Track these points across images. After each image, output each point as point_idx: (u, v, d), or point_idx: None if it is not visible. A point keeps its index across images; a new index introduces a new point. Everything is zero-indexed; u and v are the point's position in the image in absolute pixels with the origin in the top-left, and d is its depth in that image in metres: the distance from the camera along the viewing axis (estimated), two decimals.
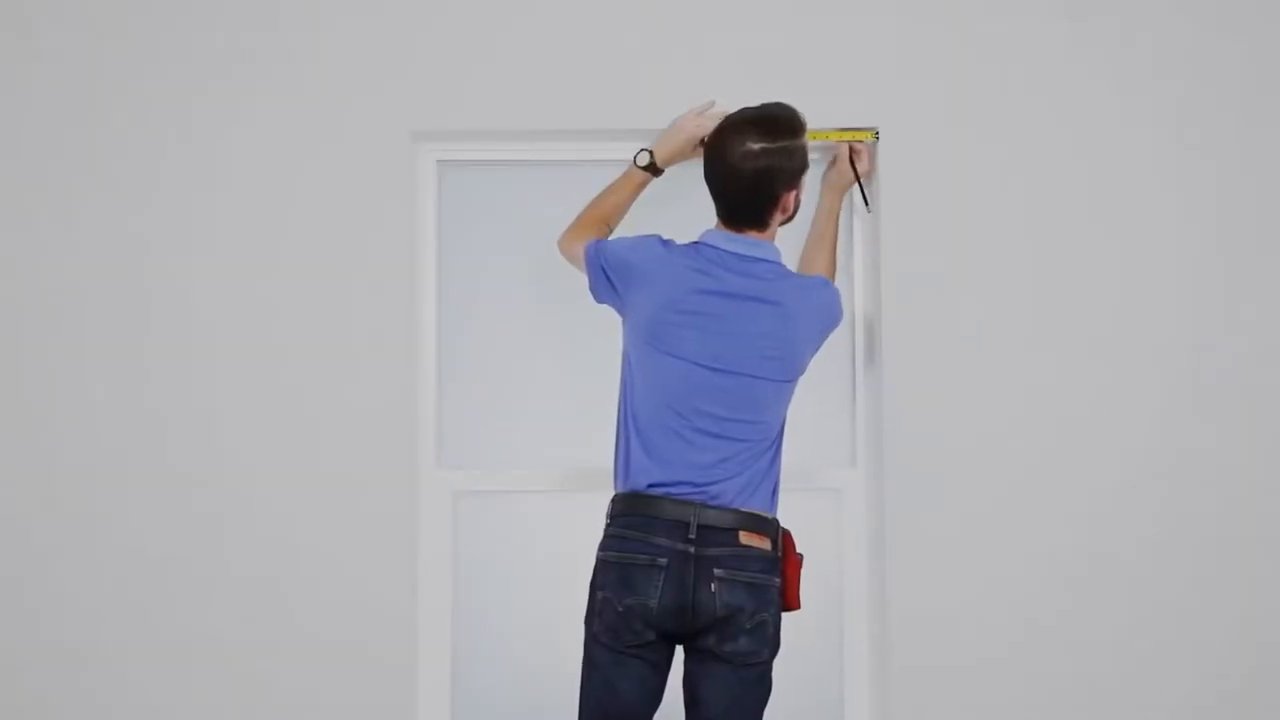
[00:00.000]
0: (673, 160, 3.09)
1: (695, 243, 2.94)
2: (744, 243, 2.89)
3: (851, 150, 3.23)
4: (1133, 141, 3.39)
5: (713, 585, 2.71)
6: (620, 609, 2.74)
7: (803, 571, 2.91)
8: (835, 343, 3.42)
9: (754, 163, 2.83)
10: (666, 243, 2.93)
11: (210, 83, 3.39)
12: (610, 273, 2.93)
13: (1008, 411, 3.33)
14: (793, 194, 2.92)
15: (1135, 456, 3.33)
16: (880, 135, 3.36)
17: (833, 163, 3.29)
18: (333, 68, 3.39)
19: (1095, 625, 3.31)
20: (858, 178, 3.25)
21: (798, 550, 2.90)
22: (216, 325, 3.35)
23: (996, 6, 3.40)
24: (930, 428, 3.32)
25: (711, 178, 2.92)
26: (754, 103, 3.00)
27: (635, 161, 3.10)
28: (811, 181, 3.20)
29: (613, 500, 2.90)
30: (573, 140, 3.43)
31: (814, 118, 3.08)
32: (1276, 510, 3.33)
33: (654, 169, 3.10)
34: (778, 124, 2.88)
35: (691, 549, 2.73)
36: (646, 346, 2.87)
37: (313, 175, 3.37)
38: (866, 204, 3.32)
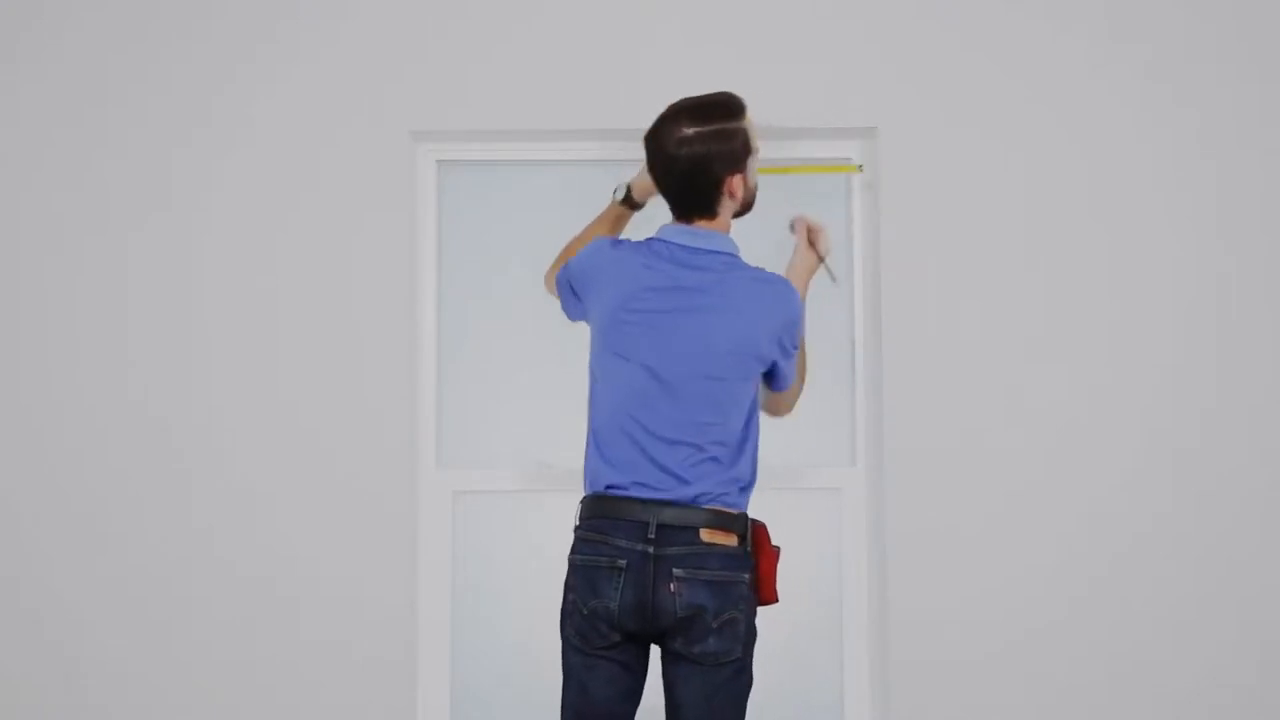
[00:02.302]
0: (650, 193, 3.03)
1: (649, 239, 2.89)
2: (694, 234, 2.83)
3: (810, 232, 3.08)
4: (1132, 141, 3.39)
5: (672, 585, 2.67)
6: (585, 611, 2.72)
7: (779, 564, 2.81)
8: (835, 342, 3.43)
9: (689, 148, 2.77)
10: (617, 242, 2.88)
11: (211, 84, 3.40)
12: (574, 284, 2.88)
13: (1007, 411, 3.33)
14: (737, 178, 2.81)
15: (1135, 455, 3.33)
16: (880, 135, 3.36)
17: (795, 250, 3.13)
18: (333, 68, 3.40)
19: (1095, 624, 3.31)
20: (821, 259, 3.11)
21: (773, 543, 2.84)
22: (217, 325, 3.35)
23: (996, 7, 3.41)
24: (930, 427, 3.32)
25: (652, 170, 2.86)
26: (755, 103, 2.99)
27: (614, 195, 3.08)
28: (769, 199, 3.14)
29: (580, 503, 2.88)
30: (572, 140, 3.44)
31: (814, 118, 3.08)
32: (1276, 511, 3.33)
33: (631, 202, 3.07)
34: (712, 107, 2.82)
35: (651, 549, 2.69)
36: (604, 352, 2.82)
37: (313, 175, 3.38)
38: (834, 279, 3.19)
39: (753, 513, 2.82)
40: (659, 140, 2.81)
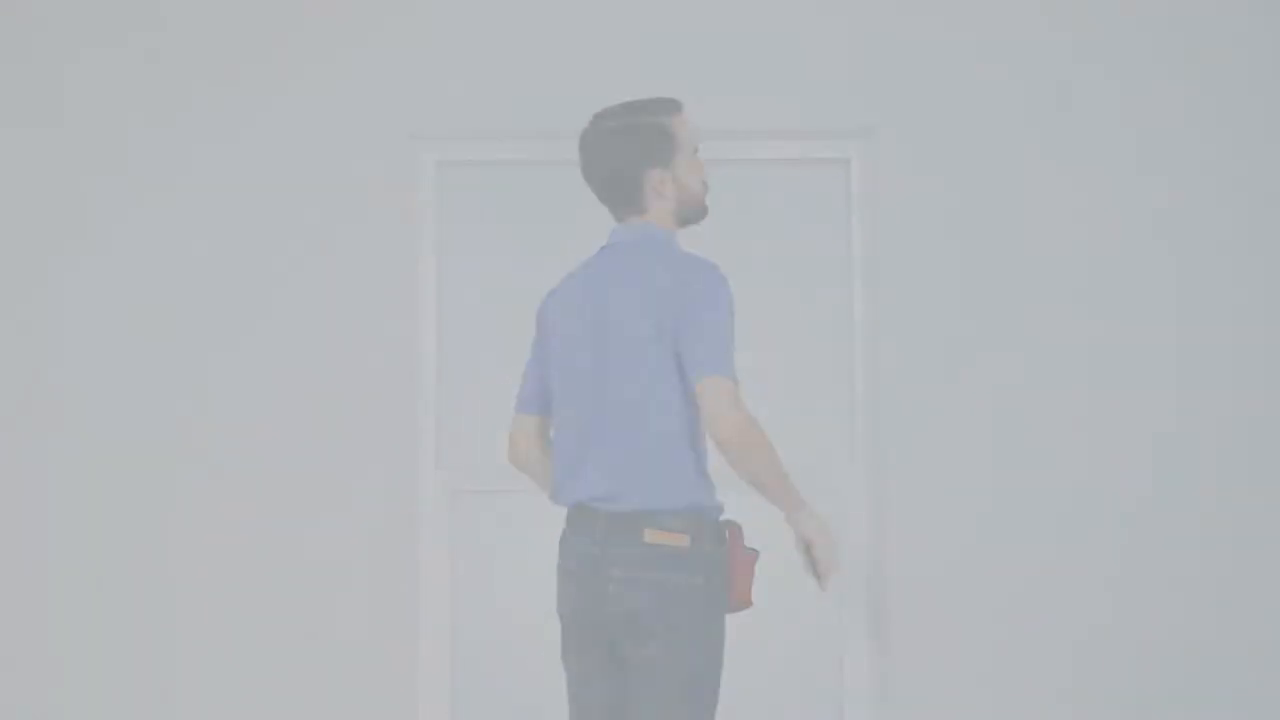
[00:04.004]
0: None
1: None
2: (626, 230, 2.75)
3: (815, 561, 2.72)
4: (1131, 141, 3.39)
5: (611, 587, 2.63)
6: (560, 614, 2.72)
7: (756, 567, 2.63)
8: (835, 342, 3.42)
9: (606, 145, 2.72)
10: (546, 299, 2.82)
11: (212, 85, 3.40)
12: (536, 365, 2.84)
13: (1007, 410, 3.33)
14: (659, 173, 2.71)
15: (1134, 455, 3.33)
16: (879, 135, 3.36)
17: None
18: (333, 69, 3.40)
19: (1094, 621, 3.31)
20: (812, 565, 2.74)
21: (747, 546, 2.78)
22: (216, 326, 3.36)
23: (995, 8, 3.41)
24: (930, 427, 3.32)
25: (583, 173, 2.79)
26: (755, 103, 2.99)
27: None
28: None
29: None
30: (572, 140, 3.44)
31: (815, 117, 3.07)
32: (1273, 511, 3.33)
33: None
34: (634, 105, 2.76)
35: (598, 550, 2.67)
36: (554, 380, 2.78)
37: (313, 176, 3.38)
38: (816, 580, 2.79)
39: (752, 513, 2.79)
40: (583, 141, 2.76)
